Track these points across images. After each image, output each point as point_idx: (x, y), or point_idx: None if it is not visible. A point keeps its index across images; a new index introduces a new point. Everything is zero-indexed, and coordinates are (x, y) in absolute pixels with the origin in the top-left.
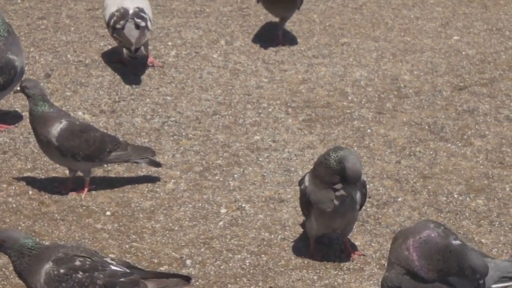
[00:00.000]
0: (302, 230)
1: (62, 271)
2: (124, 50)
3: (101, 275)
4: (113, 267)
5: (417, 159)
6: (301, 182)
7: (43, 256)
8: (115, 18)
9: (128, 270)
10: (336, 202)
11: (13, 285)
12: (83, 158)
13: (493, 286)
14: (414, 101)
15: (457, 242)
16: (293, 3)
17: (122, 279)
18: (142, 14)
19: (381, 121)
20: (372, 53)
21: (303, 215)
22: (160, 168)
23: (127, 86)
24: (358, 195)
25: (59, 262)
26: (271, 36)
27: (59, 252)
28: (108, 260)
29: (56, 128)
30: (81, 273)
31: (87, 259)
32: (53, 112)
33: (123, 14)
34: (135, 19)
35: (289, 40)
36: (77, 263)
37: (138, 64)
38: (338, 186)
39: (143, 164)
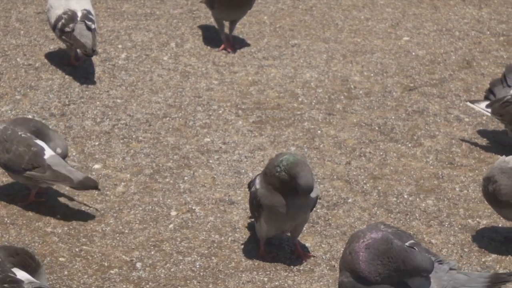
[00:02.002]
0: (252, 232)
1: None
2: (79, 51)
3: None
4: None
5: (367, 160)
6: (251, 184)
7: None
8: (63, 21)
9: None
10: (289, 206)
11: None
12: (3, 166)
13: None
14: (364, 102)
15: (400, 244)
16: (249, 4)
17: None
18: (91, 16)
19: (331, 122)
20: (322, 55)
21: (253, 217)
22: (109, 171)
23: (77, 89)
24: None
25: None
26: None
27: None
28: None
29: None
30: None
31: None
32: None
33: (72, 17)
34: (86, 21)
35: (239, 42)
36: None
37: (88, 67)
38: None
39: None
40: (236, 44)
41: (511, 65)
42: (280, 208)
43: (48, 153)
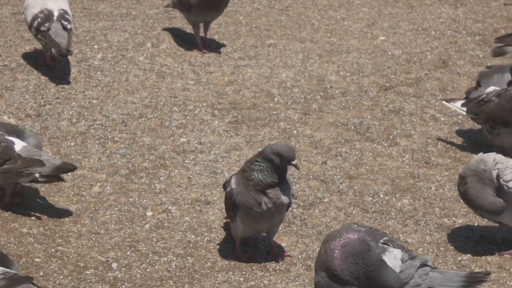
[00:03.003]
0: (228, 232)
1: None
2: (53, 51)
3: None
4: None
5: (343, 160)
6: (226, 184)
7: None
8: (39, 20)
9: None
10: (266, 206)
11: None
12: None
13: None
14: (340, 102)
15: (378, 253)
16: (226, 3)
17: None
18: (67, 16)
19: (307, 122)
20: (298, 54)
21: (229, 217)
22: (85, 171)
23: (52, 90)
24: (286, 198)
25: None
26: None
27: None
28: None
29: None
30: None
31: None
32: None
33: (48, 16)
34: (62, 21)
35: (215, 42)
36: None
37: (64, 68)
38: (271, 191)
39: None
40: (212, 44)
41: (484, 71)
42: (255, 206)
43: (19, 145)
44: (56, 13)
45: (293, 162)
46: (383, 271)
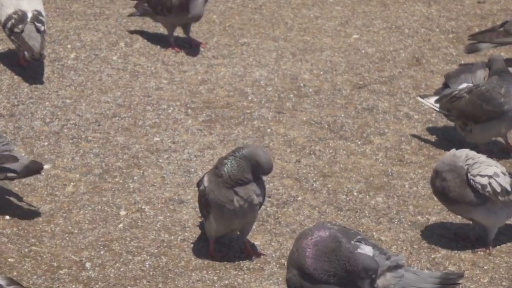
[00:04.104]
0: (202, 230)
1: None
2: (26, 53)
3: None
4: None
5: (316, 158)
6: (199, 183)
7: None
8: (13, 21)
9: None
10: (238, 203)
11: None
12: None
13: None
14: (313, 100)
15: (348, 245)
16: (204, 5)
17: None
18: (41, 18)
19: (281, 121)
20: (272, 53)
21: (202, 216)
22: (58, 171)
23: (26, 90)
24: (258, 196)
25: None
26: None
27: None
28: None
29: None
30: None
31: None
32: None
33: (22, 18)
34: (36, 23)
35: (189, 41)
36: None
37: (37, 67)
38: (242, 188)
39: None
40: (185, 43)
41: (450, 72)
42: (227, 204)
43: None
44: (30, 15)
45: (264, 176)
46: (358, 257)
